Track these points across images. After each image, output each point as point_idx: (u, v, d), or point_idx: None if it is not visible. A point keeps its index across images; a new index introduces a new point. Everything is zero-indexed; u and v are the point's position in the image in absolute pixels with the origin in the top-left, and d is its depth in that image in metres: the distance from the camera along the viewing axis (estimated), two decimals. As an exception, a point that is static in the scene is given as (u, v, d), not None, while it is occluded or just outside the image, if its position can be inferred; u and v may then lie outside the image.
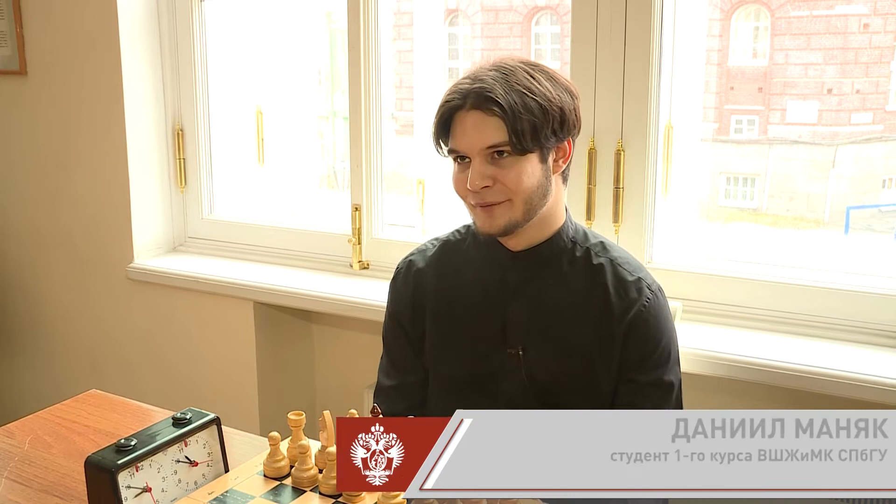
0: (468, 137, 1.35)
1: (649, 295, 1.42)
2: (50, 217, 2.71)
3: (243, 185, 2.64)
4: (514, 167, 1.35)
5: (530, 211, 1.38)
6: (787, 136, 2.05)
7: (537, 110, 1.33)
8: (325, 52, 2.64)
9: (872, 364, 1.64)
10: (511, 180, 1.35)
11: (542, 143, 1.35)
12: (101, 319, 2.69)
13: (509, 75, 1.35)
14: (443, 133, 1.39)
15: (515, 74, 1.35)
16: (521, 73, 1.35)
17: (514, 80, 1.34)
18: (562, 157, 1.41)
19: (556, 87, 1.37)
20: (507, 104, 1.32)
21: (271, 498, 1.21)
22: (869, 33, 1.85)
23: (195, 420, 1.26)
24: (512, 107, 1.32)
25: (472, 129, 1.35)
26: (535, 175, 1.36)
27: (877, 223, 2.01)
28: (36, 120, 2.66)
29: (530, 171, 1.36)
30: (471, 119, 1.35)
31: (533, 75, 1.36)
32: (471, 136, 1.35)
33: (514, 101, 1.32)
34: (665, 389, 1.42)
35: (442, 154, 1.42)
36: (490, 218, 1.38)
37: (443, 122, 1.38)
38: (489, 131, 1.33)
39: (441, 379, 1.53)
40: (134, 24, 2.46)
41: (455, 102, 1.36)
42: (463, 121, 1.36)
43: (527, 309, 1.44)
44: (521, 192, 1.36)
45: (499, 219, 1.38)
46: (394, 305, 1.58)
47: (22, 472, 1.36)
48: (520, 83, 1.34)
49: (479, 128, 1.34)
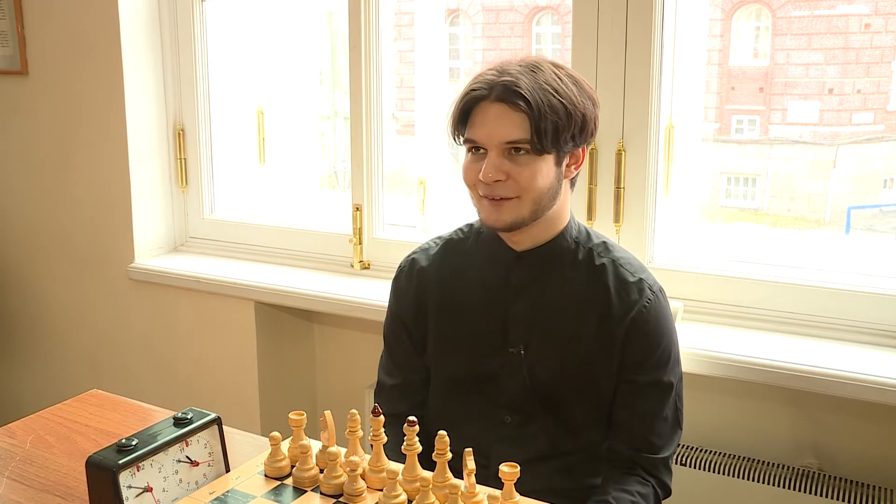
0: (488, 129, 1.34)
1: (650, 296, 1.42)
2: (51, 217, 2.71)
3: (244, 185, 2.64)
4: (529, 166, 1.34)
5: (538, 211, 1.38)
6: (789, 136, 2.05)
7: (562, 112, 1.32)
8: (326, 53, 2.64)
9: (873, 364, 1.64)
10: (525, 178, 1.34)
11: (560, 146, 1.35)
12: (102, 319, 2.69)
13: (537, 73, 1.33)
14: (461, 121, 1.38)
15: (543, 73, 1.33)
16: (549, 73, 1.34)
17: (543, 78, 1.33)
18: (574, 164, 1.41)
19: (580, 93, 1.36)
20: (533, 101, 1.31)
21: (272, 498, 1.21)
22: (870, 33, 1.85)
23: (196, 420, 1.26)
24: (538, 104, 1.31)
25: (493, 122, 1.33)
26: (548, 177, 1.36)
27: (878, 223, 2.00)
28: (37, 120, 2.66)
29: (545, 172, 1.35)
30: (494, 111, 1.33)
31: (560, 77, 1.34)
32: (491, 128, 1.34)
33: (540, 99, 1.31)
34: (664, 390, 1.42)
35: (457, 143, 1.41)
36: (497, 212, 1.37)
37: (464, 110, 1.37)
38: (511, 126, 1.32)
39: (442, 378, 1.53)
40: (135, 24, 2.46)
41: (480, 92, 1.34)
42: (485, 111, 1.34)
43: (529, 308, 1.44)
44: (533, 192, 1.35)
45: (506, 214, 1.37)
46: (396, 304, 1.57)
47: (23, 471, 1.36)
48: (547, 82, 1.32)
49: (502, 121, 1.33)
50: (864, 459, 1.77)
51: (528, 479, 1.15)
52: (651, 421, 1.41)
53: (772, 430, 1.84)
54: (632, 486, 1.39)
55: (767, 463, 1.78)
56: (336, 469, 1.22)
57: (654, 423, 1.42)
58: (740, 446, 1.86)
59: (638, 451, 1.41)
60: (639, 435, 1.42)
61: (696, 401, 1.81)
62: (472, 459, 1.14)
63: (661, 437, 1.42)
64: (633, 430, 1.42)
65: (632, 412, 1.42)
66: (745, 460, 1.79)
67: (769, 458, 1.81)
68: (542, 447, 1.45)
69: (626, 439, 1.42)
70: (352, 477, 1.20)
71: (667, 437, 1.43)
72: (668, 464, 1.44)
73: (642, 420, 1.42)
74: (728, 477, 1.77)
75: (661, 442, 1.42)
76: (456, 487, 1.09)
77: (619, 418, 1.43)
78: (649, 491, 1.41)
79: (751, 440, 1.86)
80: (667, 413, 1.42)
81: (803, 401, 1.79)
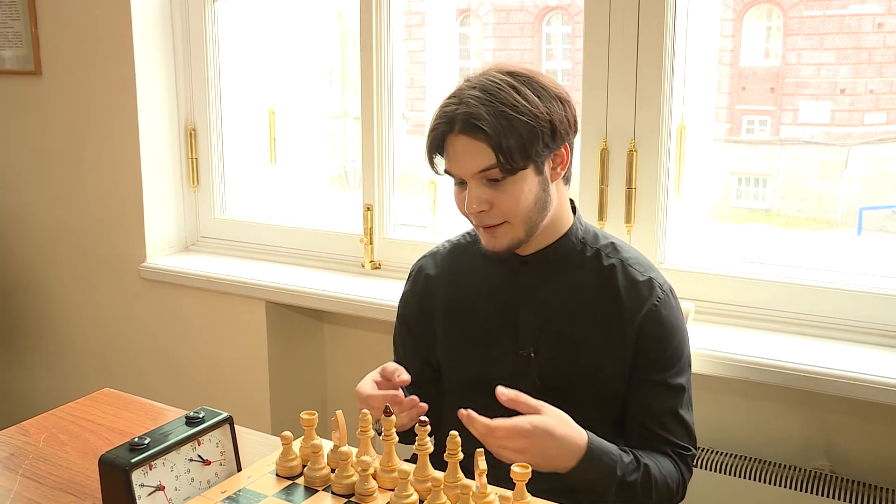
0: (459, 163, 1.35)
1: (660, 294, 1.42)
2: (63, 216, 2.73)
3: (255, 185, 2.65)
4: (509, 189, 1.34)
5: (531, 227, 1.38)
6: (800, 137, 2.04)
7: (524, 130, 1.31)
8: (337, 53, 2.64)
9: (885, 365, 1.63)
10: (508, 204, 1.35)
11: (533, 159, 1.34)
12: (114, 319, 2.70)
13: (494, 94, 1.32)
14: (438, 154, 1.39)
15: (501, 92, 1.32)
16: (506, 91, 1.32)
17: (499, 99, 1.32)
18: (560, 164, 1.40)
19: (544, 99, 1.34)
20: (491, 129, 1.30)
21: (284, 497, 1.22)
22: (883, 33, 1.84)
23: (208, 419, 1.27)
24: (496, 130, 1.30)
25: (462, 155, 1.34)
26: (532, 192, 1.36)
27: (890, 224, 2.00)
28: (50, 120, 2.68)
29: (527, 190, 1.35)
30: (460, 144, 1.34)
31: (519, 90, 1.33)
32: (462, 161, 1.35)
33: (498, 125, 1.30)
34: (677, 390, 1.42)
35: (438, 174, 1.42)
36: (493, 239, 1.39)
37: (435, 145, 1.38)
38: (477, 156, 1.33)
39: (454, 382, 1.54)
40: (147, 25, 2.47)
41: (443, 128, 1.36)
42: (454, 145, 1.35)
43: (538, 311, 1.44)
44: (520, 213, 1.36)
45: (501, 239, 1.39)
46: (402, 307, 1.61)
47: (37, 469, 1.36)
48: (504, 102, 1.31)
49: (469, 152, 1.33)
50: (876, 462, 1.76)
51: (537, 480, 1.15)
52: (666, 419, 1.41)
53: (783, 432, 1.84)
54: (661, 458, 1.39)
55: (779, 465, 1.77)
56: (347, 469, 1.22)
57: (669, 421, 1.41)
58: (751, 448, 1.85)
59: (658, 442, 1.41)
60: (655, 433, 1.41)
61: (706, 402, 1.81)
62: (484, 460, 1.14)
63: (677, 435, 1.42)
64: (648, 428, 1.42)
65: (646, 411, 1.41)
66: (757, 462, 1.79)
67: (780, 459, 1.80)
68: None
69: (641, 435, 1.42)
70: (363, 477, 1.20)
71: (683, 435, 1.43)
72: (689, 462, 1.44)
73: (657, 418, 1.41)
74: (739, 478, 1.76)
75: (677, 439, 1.42)
76: (467, 488, 1.10)
77: (633, 417, 1.43)
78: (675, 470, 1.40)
79: (762, 442, 1.85)
80: (682, 411, 1.42)
81: (815, 402, 1.79)
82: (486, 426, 1.20)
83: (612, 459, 1.32)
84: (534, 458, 1.21)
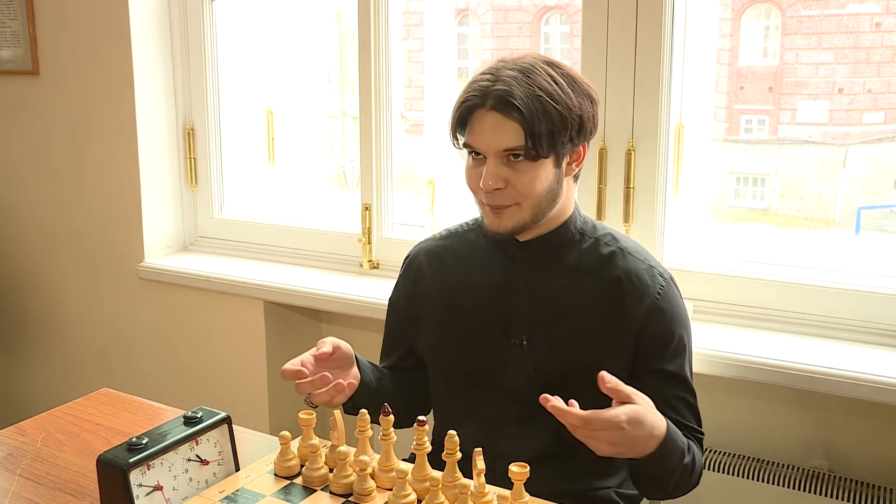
0: (485, 138, 1.35)
1: (662, 283, 1.42)
2: (61, 216, 2.72)
3: (253, 185, 2.65)
4: (527, 172, 1.34)
5: (539, 214, 1.39)
6: (798, 136, 2.04)
7: (556, 118, 1.32)
8: (335, 52, 2.64)
9: (884, 365, 1.63)
10: (524, 185, 1.35)
11: (557, 150, 1.35)
12: (112, 318, 2.70)
13: (531, 76, 1.32)
14: (460, 127, 1.39)
15: (538, 76, 1.33)
16: (542, 76, 1.33)
17: (537, 82, 1.32)
18: (575, 161, 1.41)
19: (577, 94, 1.35)
20: (526, 110, 1.30)
21: (282, 497, 1.22)
22: (881, 32, 1.84)
23: (206, 419, 1.27)
24: (532, 113, 1.30)
25: (489, 130, 1.34)
26: (547, 180, 1.36)
27: (888, 223, 2.00)
28: (48, 120, 2.68)
29: (544, 176, 1.35)
30: (490, 120, 1.34)
31: (555, 79, 1.34)
32: (488, 136, 1.34)
33: (533, 108, 1.31)
34: (684, 376, 1.43)
35: (457, 146, 1.42)
36: (499, 219, 1.39)
37: (461, 117, 1.38)
38: (507, 134, 1.32)
39: (443, 370, 1.53)
40: (145, 25, 2.47)
41: (474, 101, 1.35)
42: (482, 120, 1.35)
43: (533, 300, 1.44)
44: (531, 197, 1.36)
45: (507, 220, 1.38)
46: (394, 293, 1.63)
47: (34, 469, 1.36)
48: (541, 87, 1.32)
49: (497, 130, 1.33)
50: (875, 461, 1.76)
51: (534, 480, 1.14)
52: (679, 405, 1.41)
53: (782, 431, 1.84)
54: None
55: (778, 464, 1.77)
56: (346, 468, 1.23)
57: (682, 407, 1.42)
58: (750, 447, 1.85)
59: None
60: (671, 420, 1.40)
61: (705, 401, 1.80)
62: (482, 459, 1.14)
63: (690, 420, 1.43)
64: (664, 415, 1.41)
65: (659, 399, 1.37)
66: (756, 461, 1.79)
67: (779, 459, 1.80)
68: (548, 442, 1.43)
69: None
70: (361, 476, 1.20)
71: (694, 420, 1.44)
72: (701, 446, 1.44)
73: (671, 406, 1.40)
74: (738, 478, 1.76)
75: (692, 423, 1.43)
76: (466, 487, 1.10)
77: None
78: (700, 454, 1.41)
79: (761, 441, 1.85)
80: (689, 397, 1.43)
81: (813, 401, 1.79)
82: (582, 419, 1.18)
83: (682, 442, 1.33)
84: (624, 448, 1.21)
